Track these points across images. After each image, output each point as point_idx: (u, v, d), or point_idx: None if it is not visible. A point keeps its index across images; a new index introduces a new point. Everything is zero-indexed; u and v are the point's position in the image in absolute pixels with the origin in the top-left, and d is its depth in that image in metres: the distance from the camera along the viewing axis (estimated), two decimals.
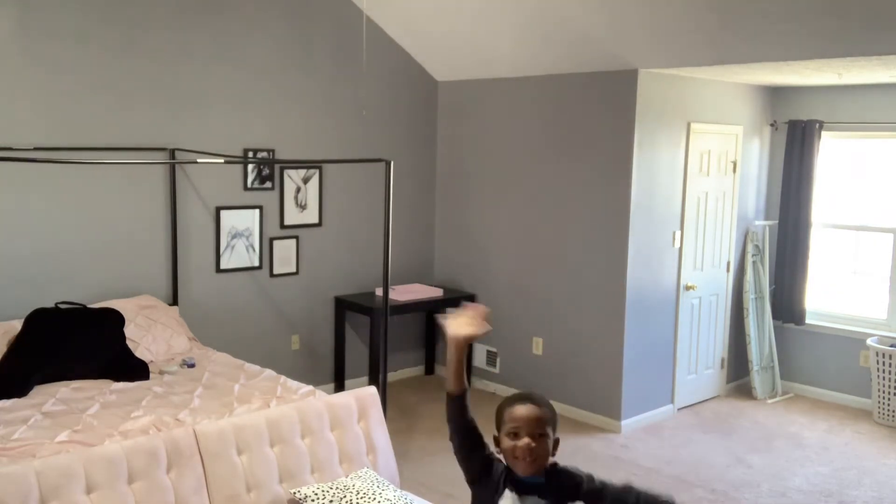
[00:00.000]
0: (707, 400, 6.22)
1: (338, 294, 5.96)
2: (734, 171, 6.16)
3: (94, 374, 4.15)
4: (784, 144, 6.37)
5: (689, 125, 5.64)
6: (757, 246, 6.42)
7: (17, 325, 4.25)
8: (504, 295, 6.11)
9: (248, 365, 4.48)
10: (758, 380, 6.30)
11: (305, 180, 5.69)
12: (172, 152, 4.99)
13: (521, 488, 2.07)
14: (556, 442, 2.11)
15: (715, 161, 5.96)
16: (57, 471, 2.94)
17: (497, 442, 2.13)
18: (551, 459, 2.10)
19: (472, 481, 2.16)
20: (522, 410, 2.07)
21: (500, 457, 2.12)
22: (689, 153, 5.68)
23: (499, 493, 2.09)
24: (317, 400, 3.81)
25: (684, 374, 5.96)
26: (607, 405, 5.51)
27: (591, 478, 2.09)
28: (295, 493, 3.36)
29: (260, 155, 5.43)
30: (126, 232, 4.89)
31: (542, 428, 2.05)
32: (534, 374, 5.93)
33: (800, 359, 6.46)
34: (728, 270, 6.27)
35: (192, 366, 4.45)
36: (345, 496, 3.29)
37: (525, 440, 2.03)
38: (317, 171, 5.74)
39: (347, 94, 5.83)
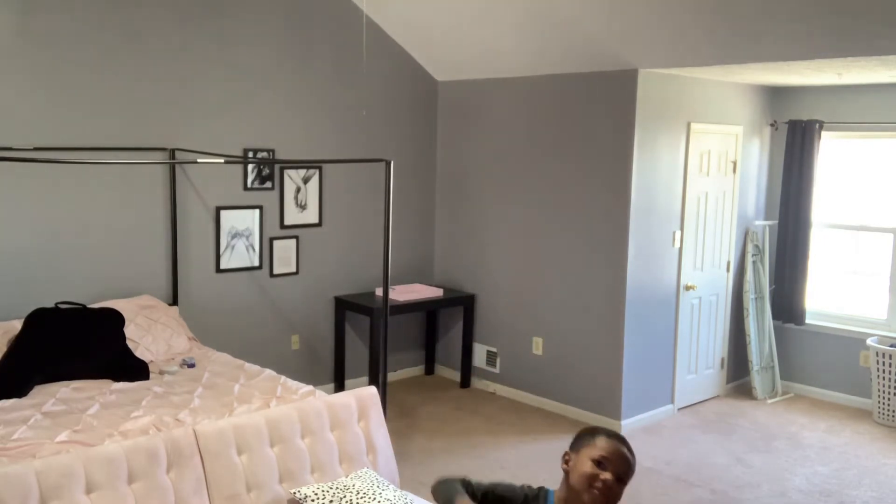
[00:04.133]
0: (707, 400, 6.22)
1: (338, 294, 5.96)
2: (734, 171, 6.15)
3: (95, 374, 4.15)
4: (784, 144, 6.37)
5: (689, 125, 5.64)
6: (757, 246, 6.42)
7: (17, 325, 4.25)
8: (504, 295, 6.11)
9: (248, 365, 4.48)
10: (758, 380, 6.30)
11: (305, 180, 5.69)
12: (172, 152, 4.99)
13: None
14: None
15: (715, 161, 5.96)
16: (57, 471, 2.94)
17: (567, 461, 2.07)
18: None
19: None
20: (622, 449, 2.03)
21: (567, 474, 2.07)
22: (689, 153, 5.68)
23: None
24: (317, 400, 3.81)
25: (684, 374, 5.96)
26: (607, 405, 5.51)
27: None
28: (295, 493, 3.36)
29: (260, 155, 5.43)
30: (126, 232, 4.89)
31: (628, 476, 2.02)
32: (534, 374, 5.93)
33: (800, 359, 6.46)
34: (728, 270, 6.27)
35: (192, 366, 4.45)
36: (345, 496, 3.29)
37: (611, 475, 1.99)
38: (317, 171, 5.74)
39: (347, 94, 5.83)
